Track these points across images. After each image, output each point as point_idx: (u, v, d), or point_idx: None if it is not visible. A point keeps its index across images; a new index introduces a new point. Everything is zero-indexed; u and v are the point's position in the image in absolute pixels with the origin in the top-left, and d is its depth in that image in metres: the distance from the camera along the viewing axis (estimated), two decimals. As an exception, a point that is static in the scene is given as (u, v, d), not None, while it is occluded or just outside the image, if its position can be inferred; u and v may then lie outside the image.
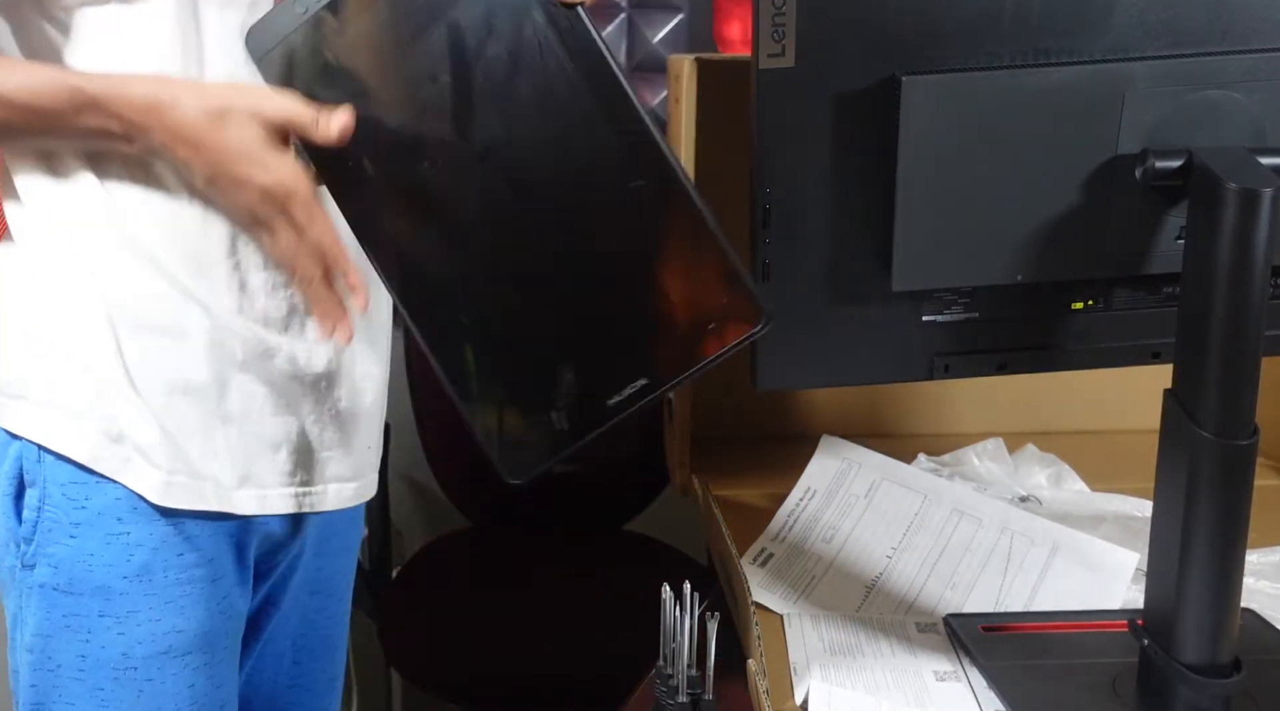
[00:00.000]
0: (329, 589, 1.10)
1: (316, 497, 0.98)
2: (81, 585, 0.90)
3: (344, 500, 1.01)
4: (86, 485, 0.89)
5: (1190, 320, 0.83)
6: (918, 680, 0.96)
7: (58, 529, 0.90)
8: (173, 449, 0.90)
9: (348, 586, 1.14)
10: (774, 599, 1.09)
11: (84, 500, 0.90)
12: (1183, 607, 0.86)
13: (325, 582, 1.09)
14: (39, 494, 0.90)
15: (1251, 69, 0.86)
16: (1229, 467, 0.83)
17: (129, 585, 0.90)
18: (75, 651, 0.91)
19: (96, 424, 0.89)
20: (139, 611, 0.91)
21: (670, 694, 0.94)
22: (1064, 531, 1.14)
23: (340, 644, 1.15)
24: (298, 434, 0.96)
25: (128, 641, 0.91)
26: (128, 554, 0.90)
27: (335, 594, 1.11)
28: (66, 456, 0.89)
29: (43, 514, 0.90)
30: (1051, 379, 1.10)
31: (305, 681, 1.11)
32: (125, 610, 0.91)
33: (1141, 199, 0.88)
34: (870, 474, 1.25)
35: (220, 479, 0.92)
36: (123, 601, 0.90)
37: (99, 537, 0.90)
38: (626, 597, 1.75)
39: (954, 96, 0.86)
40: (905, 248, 0.89)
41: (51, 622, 0.91)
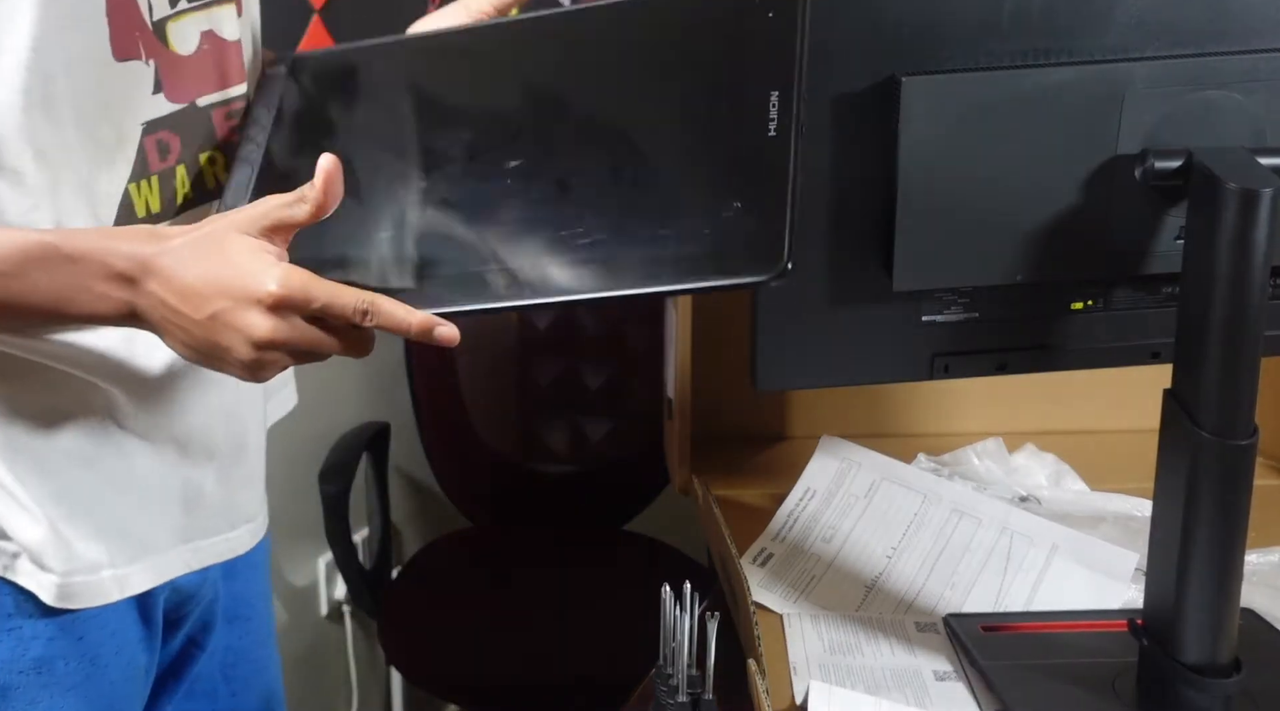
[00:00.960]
0: (247, 612, 1.07)
1: (217, 549, 0.95)
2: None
3: (242, 545, 0.98)
4: None
5: (1190, 320, 0.84)
6: (917, 680, 0.97)
7: None
8: (63, 547, 0.85)
9: (267, 605, 1.12)
10: (774, 599, 1.09)
11: None
12: (1182, 607, 0.86)
13: (243, 606, 1.07)
14: None
15: (1251, 69, 0.86)
16: (1229, 467, 0.83)
17: (26, 679, 0.86)
18: None
19: None
20: (38, 702, 0.87)
21: (670, 694, 0.94)
22: (1064, 531, 1.14)
23: (271, 662, 1.12)
24: (186, 489, 0.92)
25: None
26: (22, 649, 0.86)
27: (254, 616, 1.08)
28: None
29: None
30: (1051, 379, 1.10)
31: (242, 708, 1.08)
32: (24, 703, 0.87)
33: (1141, 199, 0.88)
34: (870, 474, 1.25)
35: (115, 560, 0.88)
36: (20, 695, 0.87)
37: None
38: (626, 597, 1.76)
39: (954, 96, 0.86)
40: (905, 248, 0.89)
41: None
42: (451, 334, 0.76)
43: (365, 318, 0.75)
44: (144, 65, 0.82)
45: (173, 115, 0.85)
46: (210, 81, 0.89)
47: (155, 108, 0.84)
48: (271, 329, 0.74)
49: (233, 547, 0.97)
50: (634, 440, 1.94)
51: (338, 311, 0.75)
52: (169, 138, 0.85)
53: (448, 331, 0.77)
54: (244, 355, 0.75)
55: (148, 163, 0.84)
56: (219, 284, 0.74)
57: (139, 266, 0.75)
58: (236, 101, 0.91)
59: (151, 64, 0.83)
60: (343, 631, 2.02)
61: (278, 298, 0.73)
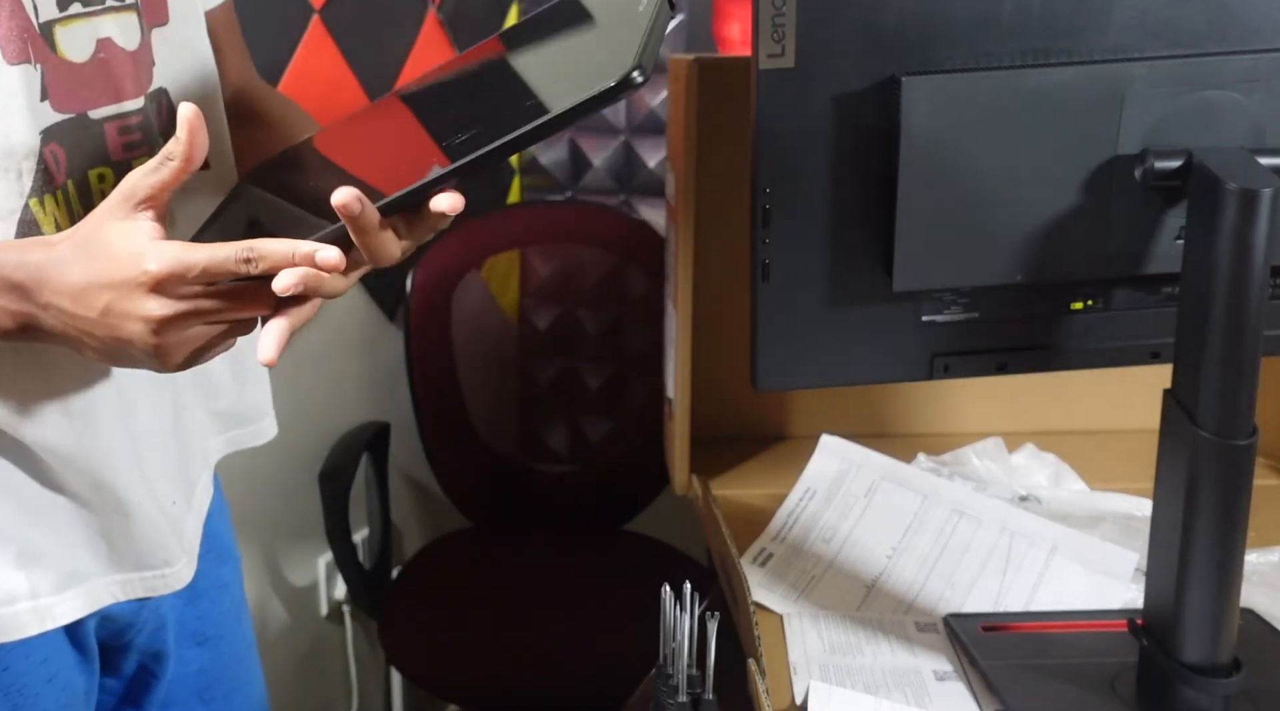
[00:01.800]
0: (218, 631, 1.04)
1: (149, 583, 0.90)
2: None
3: (179, 581, 0.92)
4: None
5: (1189, 320, 0.84)
6: (917, 680, 0.97)
7: None
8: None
9: (240, 620, 1.08)
10: (774, 599, 1.09)
11: None
12: (1182, 607, 0.86)
13: (212, 627, 1.04)
14: None
15: (1251, 69, 0.86)
16: (1229, 467, 0.83)
17: None
18: None
19: None
20: None
21: (670, 694, 0.94)
22: (1064, 531, 1.14)
23: (252, 677, 1.10)
24: (112, 520, 0.87)
25: None
26: None
27: (228, 633, 1.05)
28: None
29: None
30: (1051, 379, 1.10)
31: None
32: None
33: (1141, 199, 0.88)
34: (870, 474, 1.25)
35: (38, 590, 0.84)
36: None
37: None
38: (626, 597, 1.76)
39: (954, 96, 0.86)
40: (905, 248, 0.89)
41: None
42: (332, 255, 0.71)
43: (249, 265, 0.71)
44: (32, 69, 0.77)
45: (60, 125, 0.78)
46: (104, 92, 0.81)
47: (43, 116, 0.78)
48: (162, 307, 0.71)
49: (167, 583, 0.92)
50: (634, 440, 1.94)
51: (219, 268, 0.71)
52: (56, 149, 0.79)
53: (328, 255, 0.71)
54: (148, 341, 0.72)
55: (53, 174, 0.79)
56: (101, 278, 0.72)
57: (31, 277, 0.73)
58: (132, 116, 0.83)
59: (39, 68, 0.77)
60: (343, 631, 2.02)
61: (155, 276, 0.71)
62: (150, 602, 0.94)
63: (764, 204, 0.91)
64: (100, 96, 0.81)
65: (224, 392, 0.98)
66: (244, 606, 1.10)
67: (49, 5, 0.78)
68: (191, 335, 0.73)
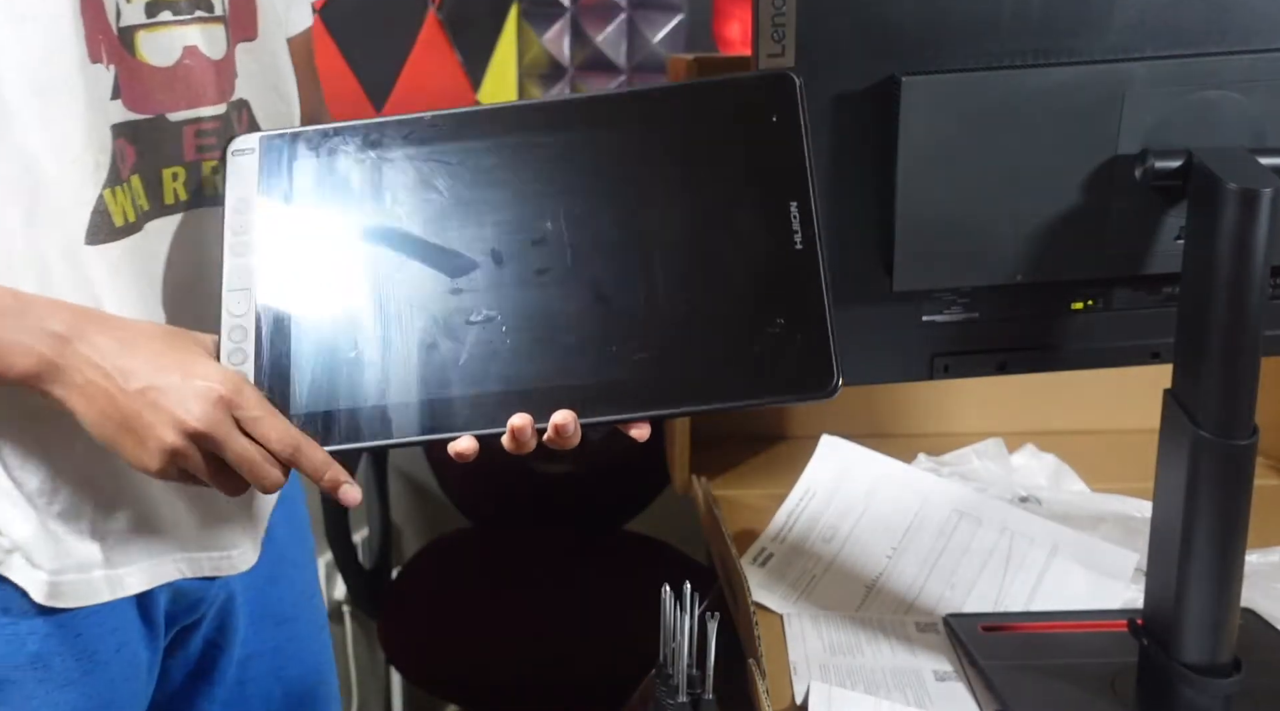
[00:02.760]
0: (294, 613, 1.07)
1: (216, 563, 0.93)
2: None
3: (245, 562, 0.95)
4: None
5: (1190, 320, 0.84)
6: (918, 680, 0.97)
7: None
8: (54, 544, 0.85)
9: (316, 603, 1.11)
10: (774, 599, 1.09)
11: None
12: (1182, 607, 0.86)
13: (290, 609, 1.06)
14: None
15: (1251, 69, 0.86)
16: (1229, 467, 0.83)
17: (23, 674, 0.86)
18: None
19: None
20: (35, 697, 0.87)
21: (670, 694, 0.94)
22: (1064, 531, 1.14)
23: (325, 661, 1.12)
24: (184, 498, 0.90)
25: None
26: (18, 645, 0.86)
27: (303, 617, 1.08)
28: None
29: None
30: (1051, 379, 1.10)
31: (301, 708, 1.08)
32: (20, 698, 0.87)
33: (1141, 199, 0.88)
34: (870, 474, 1.25)
35: (111, 559, 0.88)
36: (17, 690, 0.87)
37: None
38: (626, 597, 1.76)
39: (954, 96, 0.86)
40: (905, 248, 0.89)
41: None
42: (352, 495, 0.79)
43: (291, 453, 0.77)
44: (105, 70, 0.81)
45: (133, 124, 0.83)
46: (184, 97, 0.86)
47: (113, 114, 0.82)
48: (209, 419, 0.75)
49: (233, 564, 0.95)
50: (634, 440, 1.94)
51: (269, 436, 0.76)
52: (124, 146, 0.82)
53: (350, 493, 0.79)
54: (165, 439, 0.75)
55: (120, 168, 0.82)
56: (161, 363, 0.76)
57: (76, 328, 0.77)
58: (210, 121, 0.87)
59: (112, 69, 0.81)
60: (343, 631, 2.02)
61: (222, 395, 0.75)
62: (219, 581, 0.97)
63: (764, 204, 0.90)
64: (180, 100, 0.86)
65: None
66: (317, 588, 1.12)
67: (134, 11, 0.82)
68: (199, 460, 0.76)
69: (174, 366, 0.76)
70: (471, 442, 0.78)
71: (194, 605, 0.98)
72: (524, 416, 0.78)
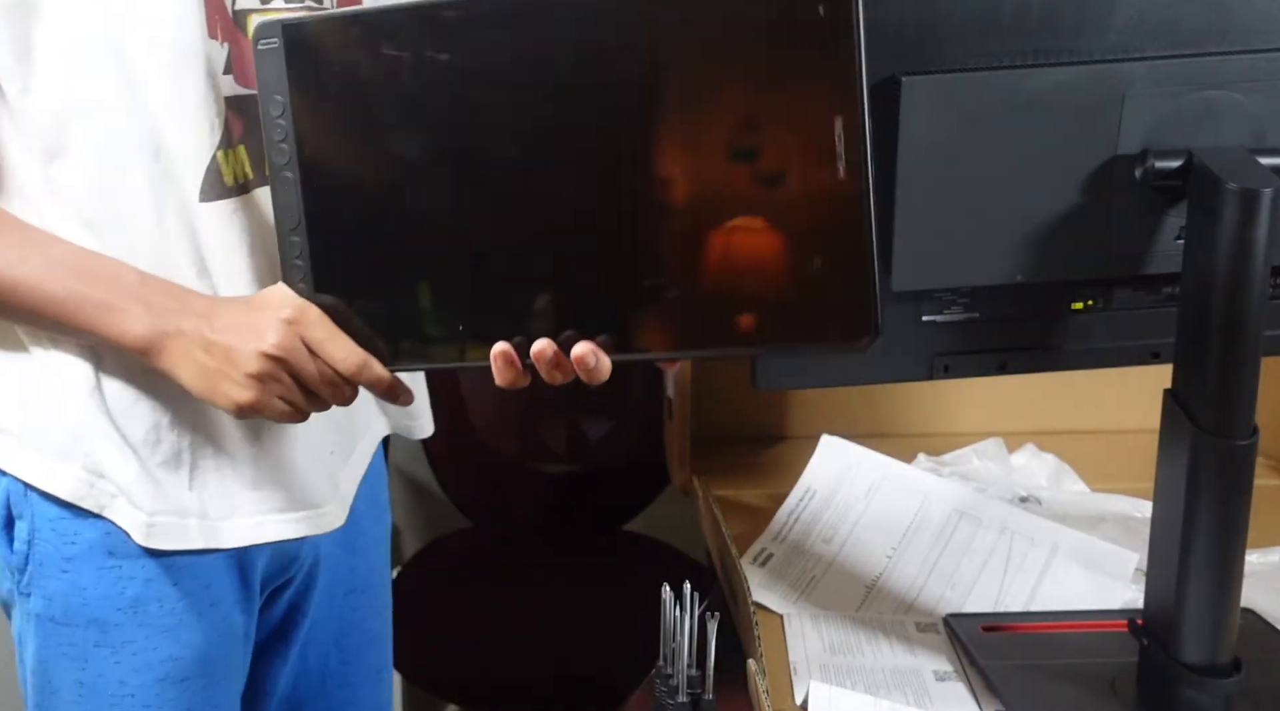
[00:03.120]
0: (363, 586, 1.11)
1: (305, 522, 0.97)
2: (76, 617, 0.90)
3: (325, 525, 0.98)
4: (75, 521, 0.89)
5: (1190, 320, 0.84)
6: (918, 680, 0.97)
7: (49, 563, 0.90)
8: (154, 488, 0.89)
9: (384, 581, 1.15)
10: (774, 599, 1.09)
11: (73, 535, 0.90)
12: (1183, 607, 0.86)
13: (360, 581, 1.11)
14: (28, 527, 0.90)
15: (1251, 69, 0.86)
16: (1229, 467, 0.83)
17: (123, 616, 0.91)
18: (73, 678, 0.92)
19: (81, 461, 0.88)
20: (134, 641, 0.91)
21: (670, 694, 0.94)
22: (1064, 531, 1.14)
23: (384, 635, 1.17)
24: (280, 457, 0.94)
25: (124, 670, 0.91)
26: (120, 587, 0.90)
27: (371, 590, 1.13)
28: (53, 494, 0.89)
29: (33, 548, 0.90)
30: (1051, 379, 1.10)
31: (354, 678, 1.13)
32: (121, 640, 0.91)
33: (1141, 199, 0.88)
34: (870, 474, 1.25)
35: (208, 511, 0.91)
36: (118, 632, 0.91)
37: (91, 571, 0.90)
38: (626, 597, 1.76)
39: (954, 96, 0.86)
40: (905, 248, 0.89)
41: (49, 651, 0.92)
42: (409, 398, 0.87)
43: (356, 373, 0.83)
44: (220, 46, 0.86)
45: (241, 98, 0.87)
46: None
47: (226, 87, 0.87)
48: (281, 341, 0.81)
49: (322, 522, 0.98)
50: (634, 440, 1.94)
51: (333, 353, 0.82)
52: (233, 117, 0.87)
53: (408, 398, 0.87)
54: (251, 366, 0.82)
55: (231, 134, 0.87)
56: (239, 308, 0.85)
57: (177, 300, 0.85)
58: None
59: (226, 46, 0.86)
60: (343, 631, 2.02)
61: (290, 316, 0.82)
62: (308, 543, 1.01)
63: (764, 204, 0.90)
64: None
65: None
66: (388, 569, 1.17)
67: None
68: (282, 381, 0.83)
69: (244, 303, 0.84)
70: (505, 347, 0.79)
71: (286, 566, 1.02)
72: (545, 342, 0.78)
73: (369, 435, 1.07)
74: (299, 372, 0.82)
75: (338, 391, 0.84)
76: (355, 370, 0.82)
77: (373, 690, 1.15)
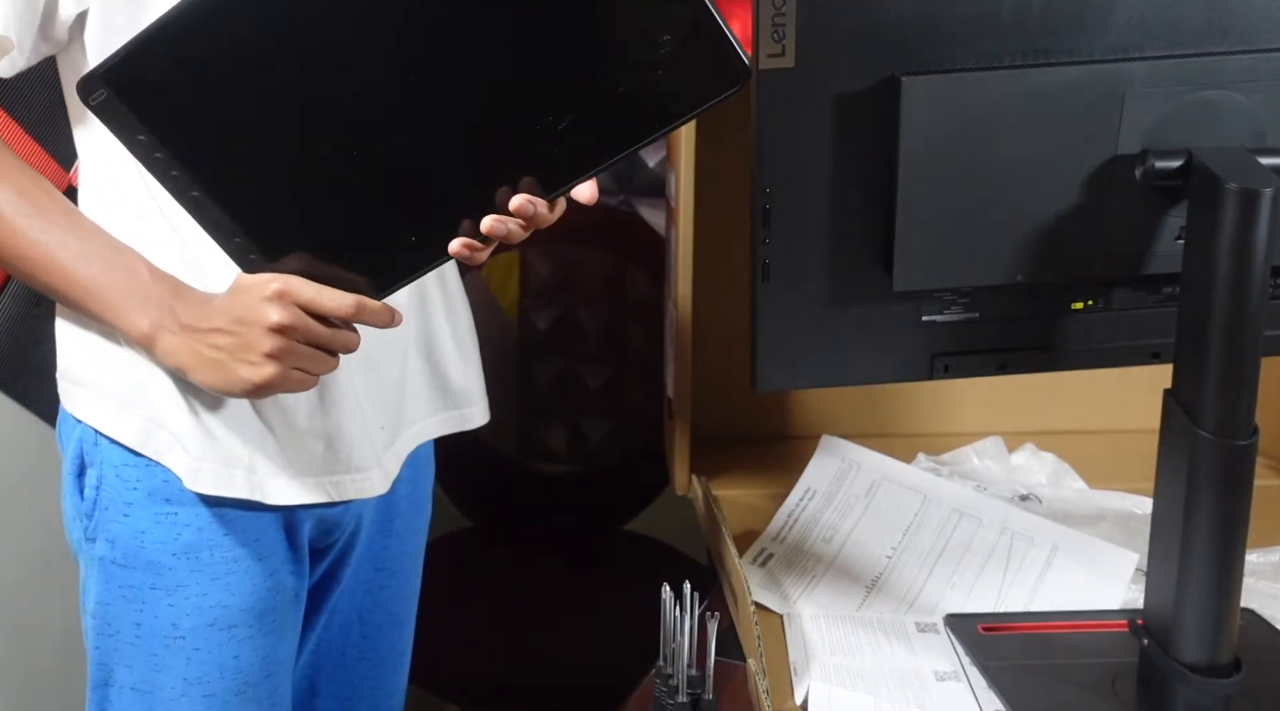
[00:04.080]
0: (394, 567, 1.13)
1: (350, 485, 1.00)
2: (135, 560, 0.95)
3: (366, 490, 1.01)
4: (137, 468, 0.94)
5: (1190, 320, 0.84)
6: (918, 680, 0.97)
7: (113, 508, 0.95)
8: (206, 438, 0.93)
9: (414, 567, 1.17)
10: (774, 599, 1.09)
11: (135, 481, 0.95)
12: (1183, 607, 0.86)
13: (391, 561, 1.13)
14: (97, 474, 0.96)
15: (1251, 69, 0.86)
16: (1229, 467, 0.83)
17: (177, 561, 0.95)
18: (131, 619, 0.97)
19: (142, 411, 0.93)
20: (187, 586, 0.96)
21: (670, 694, 0.94)
22: (1064, 531, 1.14)
23: (408, 620, 1.19)
24: (330, 424, 0.97)
25: (176, 613, 0.96)
26: (175, 533, 0.95)
27: (401, 572, 1.15)
28: (118, 440, 0.94)
29: (101, 493, 0.96)
30: (1051, 379, 1.10)
31: (374, 655, 1.15)
32: (174, 584, 0.96)
33: (1141, 199, 0.88)
34: (870, 474, 1.25)
35: (256, 467, 0.95)
36: (172, 576, 0.95)
37: (149, 517, 0.95)
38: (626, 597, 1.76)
39: (954, 96, 0.86)
40: (905, 248, 0.89)
41: (110, 593, 0.96)
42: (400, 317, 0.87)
43: (354, 313, 0.85)
44: None
45: None
46: None
47: None
48: (282, 314, 0.84)
49: (365, 486, 1.00)
50: (634, 440, 1.94)
51: (327, 304, 0.84)
52: None
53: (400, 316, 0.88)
54: (265, 346, 0.84)
55: None
56: (227, 298, 0.86)
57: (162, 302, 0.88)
58: None
59: None
60: (343, 631, 2.02)
61: (278, 290, 0.84)
62: (351, 511, 1.04)
63: (764, 204, 0.91)
64: None
65: (451, 367, 1.09)
66: (420, 557, 1.18)
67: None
68: (296, 348, 0.85)
69: (236, 291, 0.86)
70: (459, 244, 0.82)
71: (329, 530, 1.04)
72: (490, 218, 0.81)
73: (416, 428, 1.09)
74: (310, 336, 0.85)
75: (344, 339, 0.87)
76: (353, 311, 0.84)
77: (393, 672, 1.18)
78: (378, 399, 1.01)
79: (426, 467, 1.17)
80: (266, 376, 0.86)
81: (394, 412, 1.04)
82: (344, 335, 0.87)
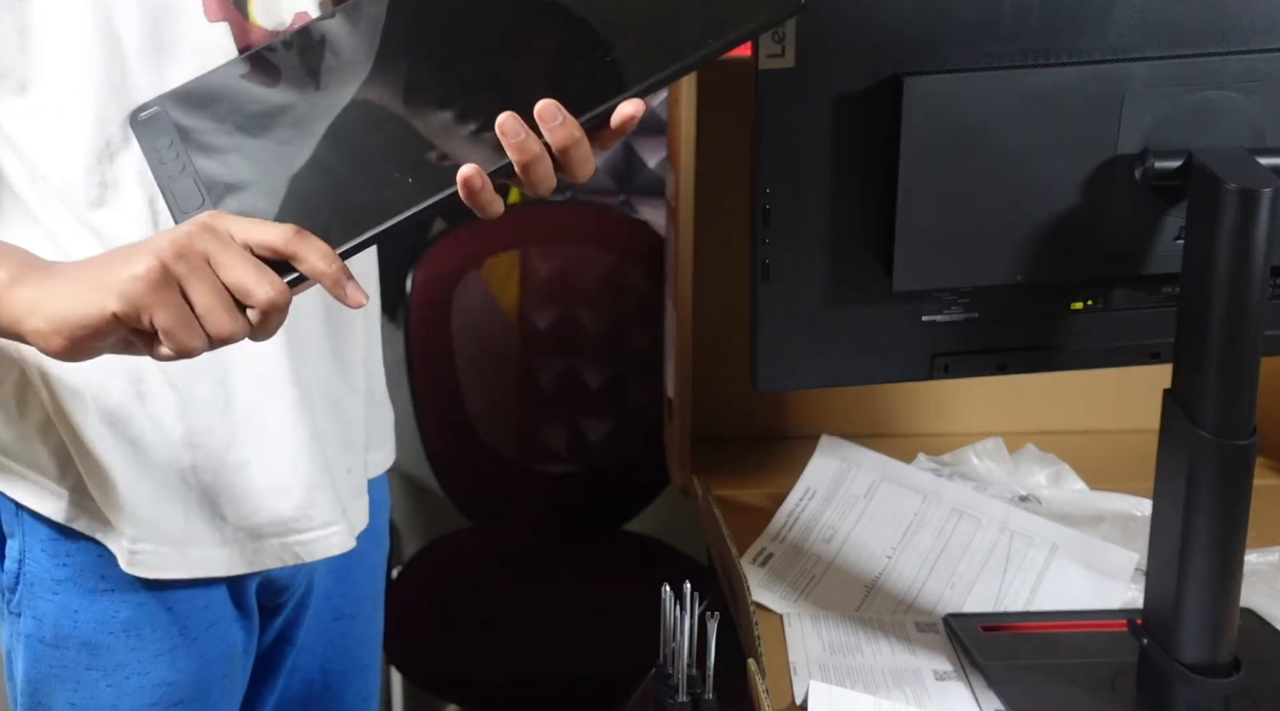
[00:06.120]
0: (353, 612, 1.08)
1: (302, 548, 0.93)
2: (68, 640, 0.89)
3: (330, 548, 0.94)
4: (67, 542, 0.88)
5: (1189, 320, 0.84)
6: (917, 680, 0.97)
7: (39, 584, 0.88)
8: (137, 516, 0.87)
9: (375, 609, 1.12)
10: (774, 599, 1.09)
11: (65, 557, 0.88)
12: (1182, 607, 0.86)
13: (350, 607, 1.08)
14: (19, 546, 0.89)
15: (1251, 69, 0.86)
16: (1229, 467, 0.83)
17: (116, 640, 0.89)
18: (65, 699, 0.90)
19: (69, 484, 0.87)
20: (127, 665, 0.90)
21: (670, 693, 0.94)
22: (1063, 531, 1.14)
23: (372, 663, 1.13)
24: (287, 476, 0.90)
25: (116, 694, 0.90)
26: (113, 610, 0.89)
27: (361, 617, 1.09)
28: (42, 514, 0.87)
29: (24, 567, 0.89)
30: (1051, 379, 1.10)
31: (339, 705, 1.10)
32: (113, 664, 0.89)
33: (1141, 199, 0.88)
34: (870, 474, 1.25)
35: (197, 538, 0.89)
36: (110, 656, 0.89)
37: (82, 594, 0.88)
38: (626, 597, 1.76)
39: (954, 96, 0.86)
40: (905, 248, 0.89)
41: (39, 672, 0.90)
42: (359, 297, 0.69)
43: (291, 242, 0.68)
44: (219, 28, 0.84)
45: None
46: None
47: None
48: (180, 234, 0.66)
49: (339, 542, 0.94)
50: (634, 440, 1.94)
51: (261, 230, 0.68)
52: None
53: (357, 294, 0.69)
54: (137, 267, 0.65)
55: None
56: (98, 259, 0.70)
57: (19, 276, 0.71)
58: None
59: (226, 27, 0.84)
60: (343, 631, 2.02)
61: (204, 218, 0.68)
62: (304, 569, 0.97)
63: (764, 204, 0.91)
64: None
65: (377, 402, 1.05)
66: (381, 593, 1.13)
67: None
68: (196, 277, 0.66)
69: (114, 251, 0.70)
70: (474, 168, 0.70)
71: (278, 592, 0.99)
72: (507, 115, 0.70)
73: (365, 461, 1.03)
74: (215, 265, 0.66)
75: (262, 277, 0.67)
76: (286, 239, 0.67)
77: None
78: (341, 440, 0.93)
79: (381, 502, 1.11)
80: (147, 267, 0.65)
81: (353, 449, 0.98)
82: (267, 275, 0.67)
